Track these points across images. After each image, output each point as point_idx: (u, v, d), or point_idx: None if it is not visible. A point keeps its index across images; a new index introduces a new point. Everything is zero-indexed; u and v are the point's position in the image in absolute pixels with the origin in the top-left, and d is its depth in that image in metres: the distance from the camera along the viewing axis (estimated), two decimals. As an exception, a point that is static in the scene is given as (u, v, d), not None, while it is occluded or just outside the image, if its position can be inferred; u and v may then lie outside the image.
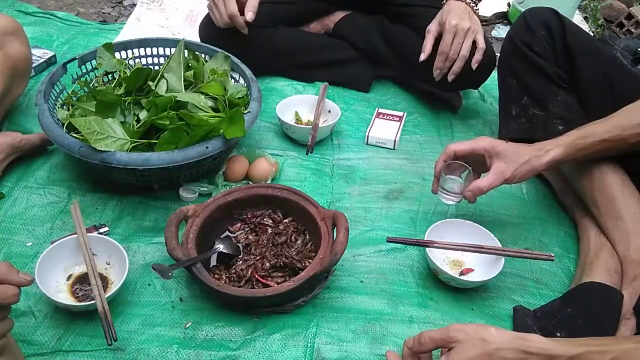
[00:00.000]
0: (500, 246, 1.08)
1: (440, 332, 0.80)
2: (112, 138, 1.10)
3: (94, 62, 1.33)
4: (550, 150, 1.06)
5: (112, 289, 0.97)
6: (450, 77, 1.36)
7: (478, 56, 1.35)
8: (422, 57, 1.36)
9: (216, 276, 1.02)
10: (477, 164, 1.11)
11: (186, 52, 1.32)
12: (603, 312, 0.98)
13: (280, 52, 1.57)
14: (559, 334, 0.95)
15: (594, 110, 1.14)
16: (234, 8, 1.39)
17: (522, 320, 1.01)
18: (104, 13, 1.99)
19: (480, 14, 1.41)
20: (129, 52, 1.39)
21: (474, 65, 1.35)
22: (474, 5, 1.38)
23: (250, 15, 1.42)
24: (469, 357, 0.75)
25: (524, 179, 1.08)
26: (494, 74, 1.44)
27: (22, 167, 1.25)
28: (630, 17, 2.08)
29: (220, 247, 1.05)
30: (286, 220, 1.13)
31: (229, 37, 1.46)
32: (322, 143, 1.42)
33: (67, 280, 1.00)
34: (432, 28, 1.36)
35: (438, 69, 1.36)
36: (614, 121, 1.07)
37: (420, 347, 0.82)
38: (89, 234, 1.03)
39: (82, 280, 1.00)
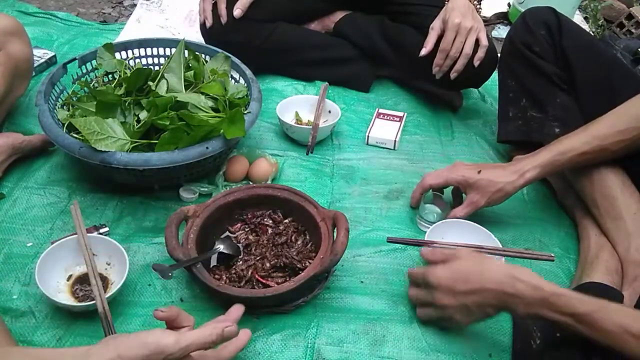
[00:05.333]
0: (501, 246, 1.08)
1: (450, 250, 0.95)
2: (112, 138, 1.10)
3: (94, 62, 1.33)
4: (526, 172, 1.09)
5: (112, 289, 0.97)
6: (453, 75, 1.36)
7: (480, 53, 1.35)
8: (423, 52, 1.36)
9: (216, 276, 1.02)
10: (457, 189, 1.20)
11: (186, 52, 1.32)
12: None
13: (281, 47, 1.57)
14: (558, 334, 0.95)
15: (593, 110, 1.14)
16: None
17: (522, 321, 1.01)
18: (104, 13, 1.99)
19: (481, 13, 1.41)
20: (129, 52, 1.39)
21: (476, 63, 1.36)
22: (476, 3, 1.38)
23: (237, 12, 1.46)
24: (463, 268, 0.90)
25: (499, 203, 1.14)
26: (495, 74, 1.44)
27: (22, 167, 1.25)
28: (630, 17, 2.08)
29: (220, 247, 1.05)
30: (286, 220, 1.13)
31: (229, 32, 1.46)
32: (322, 143, 1.42)
33: (67, 280, 1.00)
34: (436, 25, 1.36)
35: (437, 65, 1.36)
36: (593, 131, 1.07)
37: (429, 256, 0.96)
38: (89, 234, 1.03)
39: (82, 280, 1.00)
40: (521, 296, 0.82)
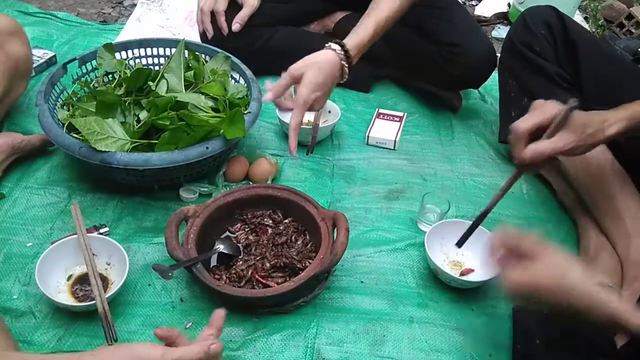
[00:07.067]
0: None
1: (531, 244, 0.79)
2: (112, 138, 1.10)
3: (94, 62, 1.33)
4: (615, 122, 0.96)
5: (112, 289, 0.97)
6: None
7: None
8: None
9: (216, 276, 1.02)
10: None
11: (186, 52, 1.32)
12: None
13: (280, 51, 1.57)
14: (558, 334, 0.95)
15: (597, 108, 1.14)
16: (220, 7, 1.44)
17: (522, 321, 1.01)
18: (104, 13, 1.99)
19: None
20: (129, 52, 1.39)
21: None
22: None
23: (236, 27, 1.47)
24: (539, 282, 0.75)
25: (581, 153, 0.98)
26: (494, 74, 1.44)
27: (22, 167, 1.25)
28: (630, 17, 2.08)
29: (220, 247, 1.05)
30: (286, 220, 1.13)
31: (230, 40, 1.46)
32: (322, 143, 1.42)
33: (67, 280, 1.00)
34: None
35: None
36: None
37: (503, 239, 0.81)
38: (89, 234, 1.03)
39: (82, 280, 1.00)
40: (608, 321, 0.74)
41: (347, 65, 1.19)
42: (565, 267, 0.75)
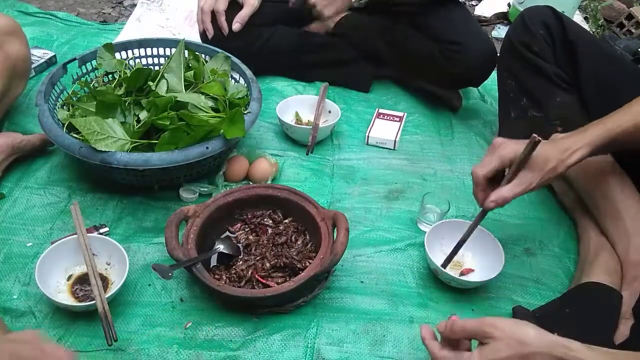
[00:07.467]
0: (500, 246, 1.08)
1: (474, 323, 0.76)
2: (112, 138, 1.10)
3: (94, 62, 1.33)
4: (577, 150, 0.96)
5: (112, 289, 0.97)
6: None
7: None
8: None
9: (216, 276, 1.02)
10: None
11: (186, 52, 1.32)
12: (601, 312, 0.98)
13: (280, 51, 1.57)
14: (555, 333, 0.94)
15: (597, 106, 1.13)
16: (220, 6, 1.44)
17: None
18: (104, 13, 1.99)
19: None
20: (129, 52, 1.39)
21: None
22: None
23: (236, 26, 1.47)
24: (503, 357, 0.72)
25: (547, 184, 1.00)
26: (494, 74, 1.44)
27: (22, 167, 1.25)
28: (630, 17, 2.08)
29: (220, 247, 1.05)
30: (286, 220, 1.13)
31: (230, 40, 1.46)
32: (322, 143, 1.42)
33: (67, 280, 1.00)
34: None
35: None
36: (634, 109, 0.98)
37: (451, 334, 0.79)
38: (89, 234, 1.03)
39: (82, 280, 1.00)
40: None
41: None
42: (519, 333, 0.73)
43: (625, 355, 0.75)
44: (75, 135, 1.13)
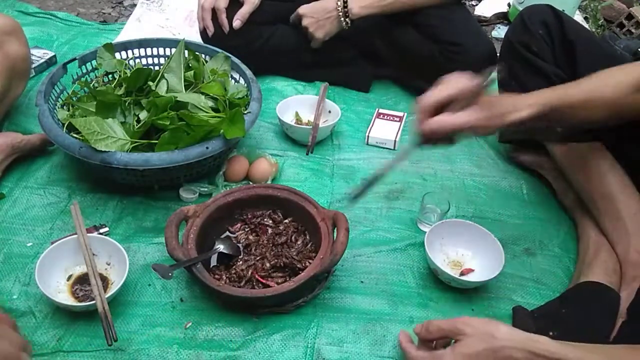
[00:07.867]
0: (500, 246, 1.08)
1: (448, 323, 0.81)
2: (112, 138, 1.10)
3: (94, 62, 1.33)
4: (523, 108, 0.93)
5: (112, 289, 0.97)
6: None
7: None
8: None
9: (216, 276, 1.02)
10: None
11: (186, 52, 1.32)
12: (599, 312, 0.98)
13: (280, 50, 1.57)
14: (550, 333, 0.94)
15: None
16: (221, 4, 1.45)
17: (522, 321, 1.01)
18: (104, 13, 1.99)
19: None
20: (129, 52, 1.39)
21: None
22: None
23: (237, 23, 1.47)
24: (474, 351, 0.76)
25: (489, 134, 0.98)
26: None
27: (22, 167, 1.25)
28: (630, 17, 2.08)
29: (220, 247, 1.05)
30: (286, 220, 1.13)
31: (230, 38, 1.46)
32: (322, 143, 1.42)
33: (67, 280, 1.00)
34: None
35: None
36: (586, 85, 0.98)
37: (427, 335, 0.83)
38: (89, 234, 1.03)
39: (82, 280, 1.00)
40: None
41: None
42: (489, 328, 0.77)
43: (595, 348, 0.77)
44: (75, 135, 1.14)
